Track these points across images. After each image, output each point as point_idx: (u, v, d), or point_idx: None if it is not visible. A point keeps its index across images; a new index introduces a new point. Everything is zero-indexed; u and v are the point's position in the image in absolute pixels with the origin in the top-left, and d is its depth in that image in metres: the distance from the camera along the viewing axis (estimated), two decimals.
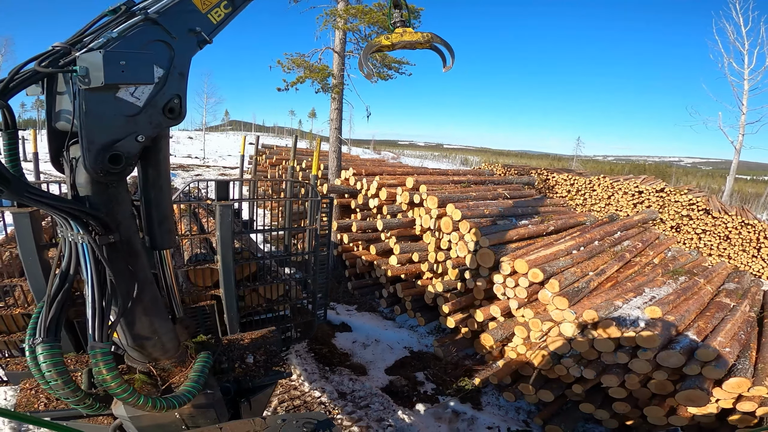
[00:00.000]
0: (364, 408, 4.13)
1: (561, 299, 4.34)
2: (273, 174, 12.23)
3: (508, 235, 5.76)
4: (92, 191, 1.76)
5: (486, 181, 8.63)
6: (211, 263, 3.06)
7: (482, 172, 9.83)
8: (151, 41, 1.79)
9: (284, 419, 1.88)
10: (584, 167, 38.88)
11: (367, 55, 3.55)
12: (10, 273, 2.88)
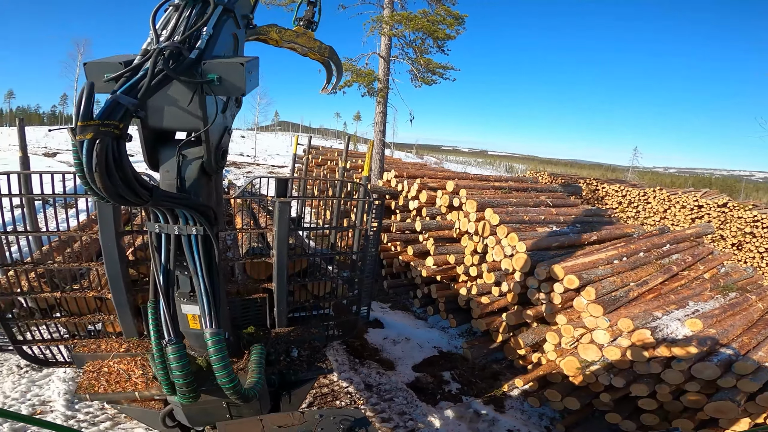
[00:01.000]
0: (388, 401, 4.25)
1: (596, 306, 4.26)
2: (318, 173, 12.69)
3: (547, 241, 5.68)
4: (201, 186, 1.88)
5: (528, 188, 8.48)
6: (266, 257, 3.09)
7: (525, 179, 9.66)
8: (229, 34, 1.87)
9: (322, 415, 1.91)
10: (641, 179, 36.68)
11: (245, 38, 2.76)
12: (86, 257, 2.93)
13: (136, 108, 1.47)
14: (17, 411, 3.49)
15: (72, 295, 2.74)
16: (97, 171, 1.36)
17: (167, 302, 1.85)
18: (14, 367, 4.12)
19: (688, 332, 3.79)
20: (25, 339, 2.86)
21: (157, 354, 1.89)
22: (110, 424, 3.44)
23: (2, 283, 2.74)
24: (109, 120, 1.37)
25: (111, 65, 1.59)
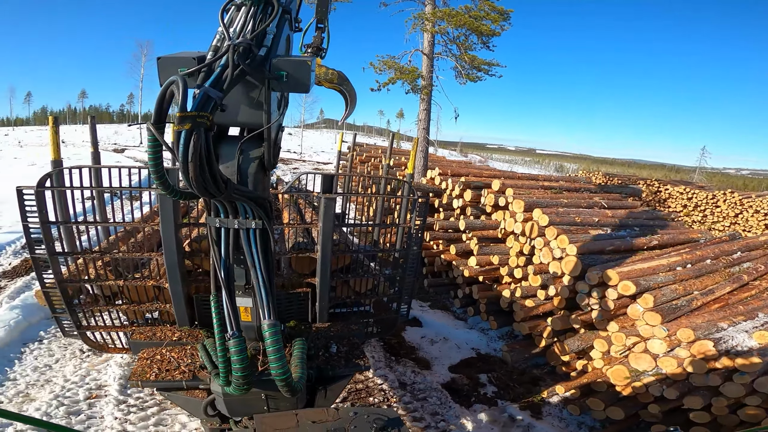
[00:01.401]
0: (422, 400, 4.20)
1: (653, 315, 3.99)
2: (362, 170, 12.82)
3: (601, 245, 5.36)
4: (259, 181, 1.94)
5: (581, 188, 8.06)
6: (311, 252, 3.13)
7: (577, 179, 9.18)
8: (285, 36, 1.93)
9: (356, 412, 1.91)
10: (709, 181, 33.86)
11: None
12: (147, 247, 3.07)
13: (221, 101, 1.54)
14: (74, 394, 3.73)
15: (133, 284, 2.90)
16: (192, 161, 1.46)
17: (229, 296, 1.89)
18: (77, 351, 4.41)
19: (755, 345, 3.47)
20: (88, 325, 3.04)
21: (220, 346, 1.95)
22: (157, 410, 3.61)
23: (72, 271, 2.94)
24: (203, 112, 1.46)
25: (184, 60, 1.67)
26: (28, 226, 2.55)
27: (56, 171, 2.64)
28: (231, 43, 1.63)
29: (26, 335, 4.62)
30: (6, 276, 6.15)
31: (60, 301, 2.81)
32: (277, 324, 1.92)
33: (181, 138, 1.44)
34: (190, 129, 1.44)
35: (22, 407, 3.48)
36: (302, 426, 1.84)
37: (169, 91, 1.50)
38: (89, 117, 3.73)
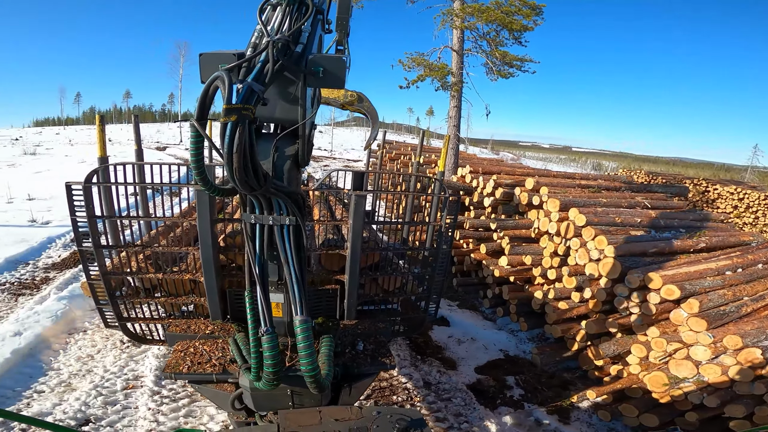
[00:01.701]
0: (446, 401, 4.14)
1: (698, 321, 3.79)
2: (392, 168, 12.81)
3: (643, 246, 5.10)
4: (293, 177, 1.97)
5: (621, 187, 7.70)
6: (340, 249, 3.12)
7: (618, 177, 8.78)
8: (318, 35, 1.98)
9: (379, 412, 1.91)
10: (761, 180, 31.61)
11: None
12: (185, 242, 3.17)
13: (263, 94, 1.61)
14: (113, 384, 3.88)
15: (171, 277, 2.98)
16: (237, 152, 1.52)
17: (264, 292, 1.91)
18: (117, 342, 4.58)
19: None
20: (129, 316, 3.14)
21: (253, 342, 1.97)
22: (188, 401, 3.71)
23: (115, 264, 3.06)
24: (248, 104, 1.53)
25: (225, 56, 1.73)
26: (76, 220, 2.67)
27: (102, 167, 2.76)
28: (270, 40, 1.69)
29: (72, 325, 4.85)
30: (55, 268, 6.55)
31: (103, 292, 2.92)
32: (308, 320, 1.92)
33: (227, 130, 1.50)
34: (235, 121, 1.50)
35: (63, 397, 3.64)
36: (325, 423, 1.84)
37: (213, 86, 1.55)
38: (133, 116, 3.90)
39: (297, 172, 2.05)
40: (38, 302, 5.20)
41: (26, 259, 6.75)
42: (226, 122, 1.50)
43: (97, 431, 3.29)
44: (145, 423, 3.40)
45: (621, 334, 4.60)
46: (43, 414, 3.39)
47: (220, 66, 1.65)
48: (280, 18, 1.87)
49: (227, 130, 1.51)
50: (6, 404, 3.50)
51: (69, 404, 3.53)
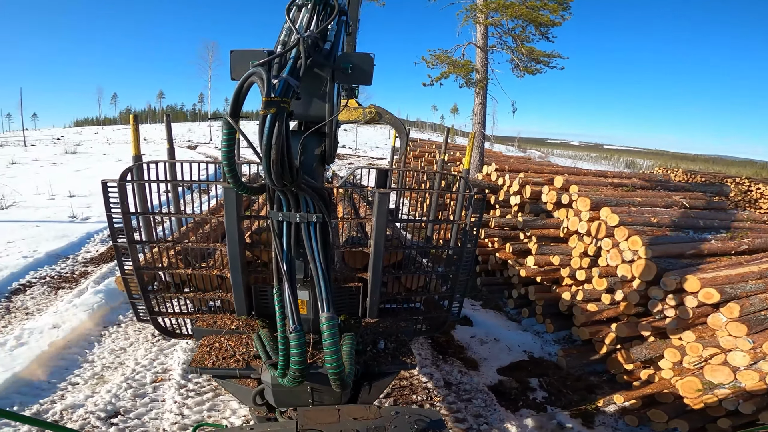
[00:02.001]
0: (466, 401, 4.08)
1: (738, 325, 3.63)
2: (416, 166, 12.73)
3: (680, 248, 4.87)
4: (319, 175, 1.99)
5: (658, 186, 7.40)
6: (364, 247, 3.11)
7: (653, 176, 8.43)
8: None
9: (398, 412, 1.88)
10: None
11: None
12: (213, 238, 3.20)
13: (298, 88, 1.66)
14: (143, 377, 4.02)
15: (200, 273, 3.04)
16: (275, 143, 1.57)
17: (292, 289, 1.91)
18: (149, 335, 4.73)
19: None
20: (159, 311, 3.20)
21: (281, 339, 1.98)
22: (212, 395, 3.79)
23: (147, 259, 3.14)
24: (285, 97, 1.58)
25: (255, 53, 1.79)
26: (111, 216, 2.75)
27: (136, 165, 2.85)
28: (300, 36, 1.73)
29: (107, 318, 5.04)
30: (93, 262, 6.86)
31: (136, 287, 3.00)
32: (335, 317, 1.92)
33: (267, 122, 1.55)
34: (275, 113, 1.54)
35: (95, 389, 3.78)
36: (343, 422, 1.83)
37: (248, 82, 1.60)
38: (165, 115, 4.02)
39: (322, 170, 2.06)
40: (76, 296, 5.42)
41: (66, 253, 7.10)
42: (265, 114, 1.54)
43: (125, 423, 3.39)
44: (171, 416, 3.49)
45: (654, 338, 4.43)
46: (76, 406, 3.52)
47: (250, 63, 1.69)
48: (308, 17, 1.92)
49: (266, 122, 1.55)
50: (41, 396, 3.64)
51: (100, 396, 3.65)
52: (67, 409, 3.49)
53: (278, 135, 1.56)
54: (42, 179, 12.62)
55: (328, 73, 1.83)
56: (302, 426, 1.79)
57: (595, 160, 48.15)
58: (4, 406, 3.36)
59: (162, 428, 3.37)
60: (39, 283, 5.91)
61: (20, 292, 5.58)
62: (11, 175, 14.02)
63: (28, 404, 3.50)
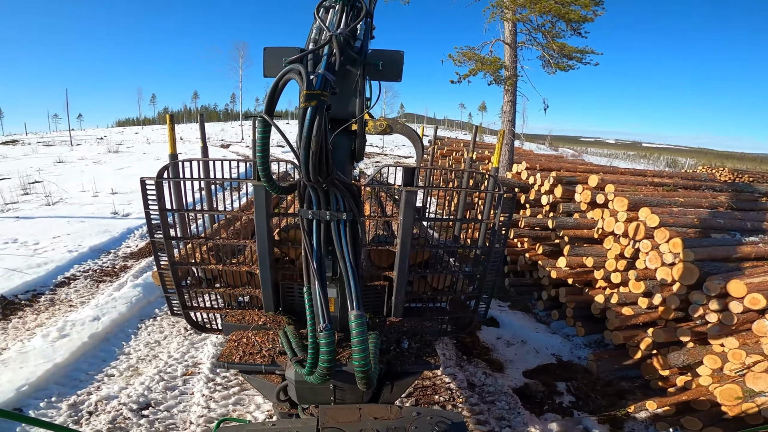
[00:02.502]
0: (489, 403, 3.99)
1: None
2: (443, 164, 12.60)
3: (725, 251, 4.59)
4: (348, 173, 2.01)
5: (702, 186, 7.01)
6: (390, 245, 3.07)
7: (697, 175, 7.98)
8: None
9: (419, 413, 1.86)
10: None
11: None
12: (243, 235, 3.24)
13: (334, 83, 1.70)
14: (174, 370, 4.11)
15: (230, 268, 3.10)
16: (315, 135, 1.60)
17: (322, 288, 1.91)
18: (182, 329, 4.87)
19: None
20: (192, 305, 3.27)
21: (311, 337, 1.98)
22: (237, 390, 3.85)
23: (182, 254, 3.24)
24: (325, 91, 1.62)
25: (287, 51, 1.84)
26: (149, 212, 2.85)
27: (172, 163, 2.94)
28: (332, 34, 1.78)
29: (144, 312, 5.22)
30: (133, 257, 7.17)
31: (171, 281, 3.08)
32: (364, 316, 1.90)
33: (308, 114, 1.58)
34: (315, 105, 1.57)
35: (129, 381, 3.92)
36: (363, 421, 1.82)
37: (285, 79, 1.64)
38: (199, 115, 4.15)
39: (352, 167, 2.06)
40: (116, 289, 5.67)
41: (108, 248, 7.47)
42: (306, 107, 1.58)
43: (155, 415, 3.49)
44: (198, 409, 3.57)
45: (693, 344, 4.23)
46: (110, 397, 3.65)
47: (283, 59, 1.74)
48: (337, 18, 1.96)
49: (307, 114, 1.58)
50: (79, 387, 3.79)
51: (134, 388, 3.78)
52: (102, 400, 3.62)
53: (318, 127, 1.59)
54: (86, 177, 13.34)
55: (359, 70, 1.86)
56: (323, 424, 1.80)
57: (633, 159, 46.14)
58: (43, 398, 3.55)
59: (189, 421, 3.46)
60: (82, 276, 6.23)
61: (65, 285, 5.89)
62: (59, 173, 14.89)
63: (66, 395, 3.64)
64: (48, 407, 3.48)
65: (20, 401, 3.47)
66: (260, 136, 1.66)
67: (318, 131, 1.59)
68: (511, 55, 10.38)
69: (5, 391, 3.49)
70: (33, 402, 3.50)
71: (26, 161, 18.36)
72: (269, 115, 1.64)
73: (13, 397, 3.45)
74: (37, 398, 3.55)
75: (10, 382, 3.60)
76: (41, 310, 5.14)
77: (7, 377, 3.67)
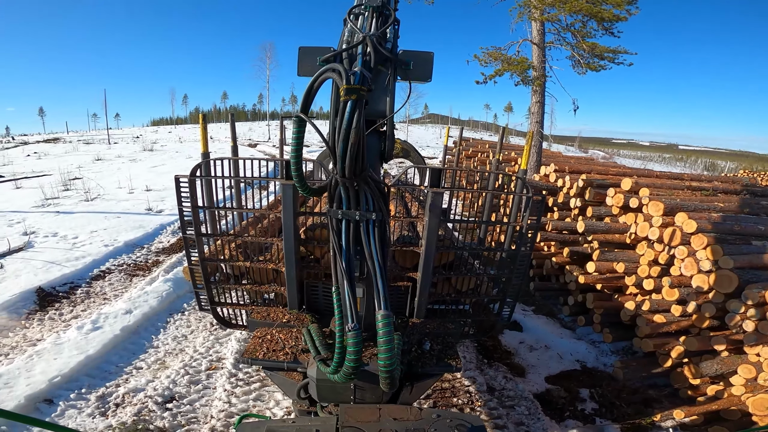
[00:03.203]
0: (508, 408, 3.92)
1: None
2: (468, 165, 12.46)
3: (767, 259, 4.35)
4: (378, 172, 2.04)
5: (743, 191, 6.69)
6: (415, 246, 3.07)
7: (737, 180, 7.60)
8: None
9: (439, 415, 1.85)
10: None
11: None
12: (270, 233, 3.24)
13: (371, 80, 1.77)
14: (198, 364, 4.15)
15: (257, 266, 3.16)
16: (355, 127, 1.66)
17: (351, 288, 1.92)
18: (208, 324, 4.97)
19: None
20: (219, 301, 3.36)
21: (338, 336, 1.98)
22: (259, 386, 3.89)
23: (212, 251, 3.31)
24: (364, 86, 1.68)
25: (321, 50, 1.93)
26: (182, 209, 2.94)
27: (204, 162, 3.02)
28: (366, 35, 1.86)
29: (173, 306, 5.37)
30: (164, 252, 7.42)
31: (201, 277, 3.18)
32: (391, 315, 1.89)
33: (348, 107, 1.65)
34: (355, 99, 1.63)
35: (156, 374, 4.02)
36: (383, 421, 1.81)
37: (322, 78, 1.71)
38: (230, 114, 4.26)
39: (380, 168, 2.08)
40: (148, 283, 5.86)
41: (142, 243, 7.75)
42: (346, 101, 1.64)
43: (178, 408, 3.57)
44: (219, 403, 3.63)
45: (728, 353, 4.09)
46: (137, 390, 3.76)
47: (318, 58, 1.82)
48: (368, 22, 2.04)
49: (347, 108, 1.64)
50: (108, 379, 3.91)
51: (160, 382, 3.87)
52: (129, 392, 3.71)
53: (358, 120, 1.64)
54: (123, 174, 13.91)
55: (390, 69, 1.92)
56: (343, 422, 1.80)
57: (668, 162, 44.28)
58: (74, 389, 3.67)
59: (210, 415, 3.52)
60: (117, 270, 6.48)
61: (100, 278, 6.13)
62: (97, 170, 15.59)
63: (95, 387, 3.76)
64: (77, 398, 3.59)
65: (51, 392, 3.58)
66: (295, 136, 1.71)
67: (357, 124, 1.64)
68: (539, 55, 10.17)
69: (37, 381, 3.60)
70: (63, 393, 3.61)
71: (67, 158, 19.29)
72: (305, 113, 1.69)
73: (44, 388, 3.56)
74: (68, 389, 3.67)
75: (43, 373, 3.71)
76: (77, 302, 5.37)
77: (40, 368, 3.79)
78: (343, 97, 1.65)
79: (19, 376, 3.65)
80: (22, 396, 3.41)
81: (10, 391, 3.47)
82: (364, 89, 1.66)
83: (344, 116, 1.66)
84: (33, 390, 3.50)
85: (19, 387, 3.52)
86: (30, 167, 16.51)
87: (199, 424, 3.43)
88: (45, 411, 3.41)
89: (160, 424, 3.35)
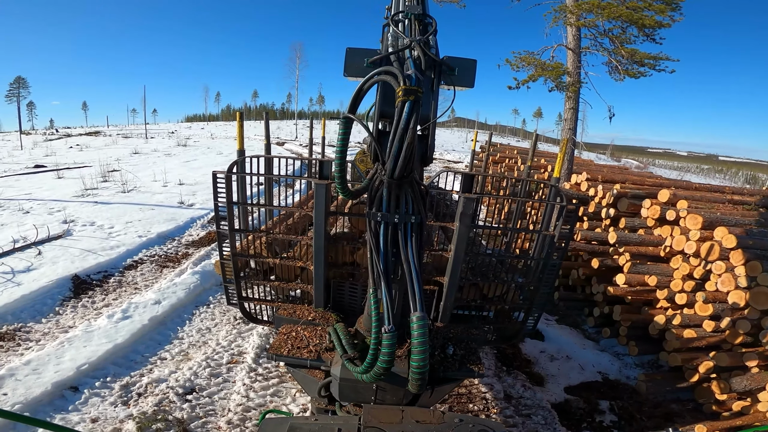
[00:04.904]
0: (525, 416, 3.85)
1: None
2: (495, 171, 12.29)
3: None
4: (420, 177, 2.07)
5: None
6: (444, 251, 3.05)
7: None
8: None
9: (461, 419, 1.82)
10: None
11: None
12: (297, 230, 3.27)
13: (422, 83, 1.81)
14: (220, 357, 4.20)
15: (284, 263, 3.20)
16: (412, 126, 1.70)
17: (388, 290, 1.92)
18: (231, 318, 5.04)
19: None
20: (247, 296, 3.41)
21: (374, 338, 1.99)
22: (277, 381, 3.92)
23: (243, 246, 3.35)
24: (420, 88, 1.73)
25: (368, 52, 1.98)
26: (217, 204, 2.99)
27: (241, 159, 3.09)
28: (413, 39, 1.90)
29: (200, 299, 5.47)
30: (194, 245, 7.62)
31: (231, 271, 3.23)
32: (425, 317, 1.89)
33: (406, 107, 1.69)
34: (413, 100, 1.68)
35: (179, 366, 4.09)
36: (405, 423, 1.80)
37: (372, 81, 1.75)
38: (264, 113, 4.37)
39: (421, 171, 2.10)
40: (177, 275, 6.00)
41: (173, 235, 8.00)
42: (404, 101, 1.68)
43: (197, 400, 3.63)
44: (237, 397, 3.68)
45: (758, 369, 3.99)
46: (160, 380, 3.82)
47: (365, 60, 1.87)
48: (411, 28, 2.09)
49: (405, 108, 1.68)
50: (133, 368, 3.98)
51: (182, 373, 3.92)
52: (152, 382, 3.77)
53: (416, 118, 1.68)
54: (158, 168, 14.44)
55: (435, 75, 1.95)
56: (365, 422, 1.80)
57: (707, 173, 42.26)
58: (99, 377, 3.76)
59: (228, 408, 3.56)
60: (149, 260, 6.69)
61: (132, 268, 6.34)
62: (134, 163, 16.24)
63: (120, 376, 3.83)
64: (102, 387, 3.65)
65: (77, 380, 3.66)
66: (341, 136, 1.73)
67: (415, 122, 1.68)
68: (575, 60, 9.93)
69: (66, 368, 3.67)
70: (89, 381, 3.68)
71: (107, 151, 20.21)
72: (353, 114, 1.74)
73: (71, 375, 3.63)
74: (95, 377, 3.74)
75: (72, 360, 3.78)
76: (109, 291, 5.56)
77: (70, 355, 3.86)
78: (401, 98, 1.68)
79: (48, 363, 3.73)
80: (49, 383, 3.46)
81: (38, 377, 3.53)
82: (420, 91, 1.70)
83: (401, 117, 1.69)
84: (61, 377, 3.56)
85: (48, 374, 3.58)
86: (72, 158, 17.40)
87: (216, 417, 3.48)
88: (69, 398, 3.48)
89: (178, 415, 3.39)
